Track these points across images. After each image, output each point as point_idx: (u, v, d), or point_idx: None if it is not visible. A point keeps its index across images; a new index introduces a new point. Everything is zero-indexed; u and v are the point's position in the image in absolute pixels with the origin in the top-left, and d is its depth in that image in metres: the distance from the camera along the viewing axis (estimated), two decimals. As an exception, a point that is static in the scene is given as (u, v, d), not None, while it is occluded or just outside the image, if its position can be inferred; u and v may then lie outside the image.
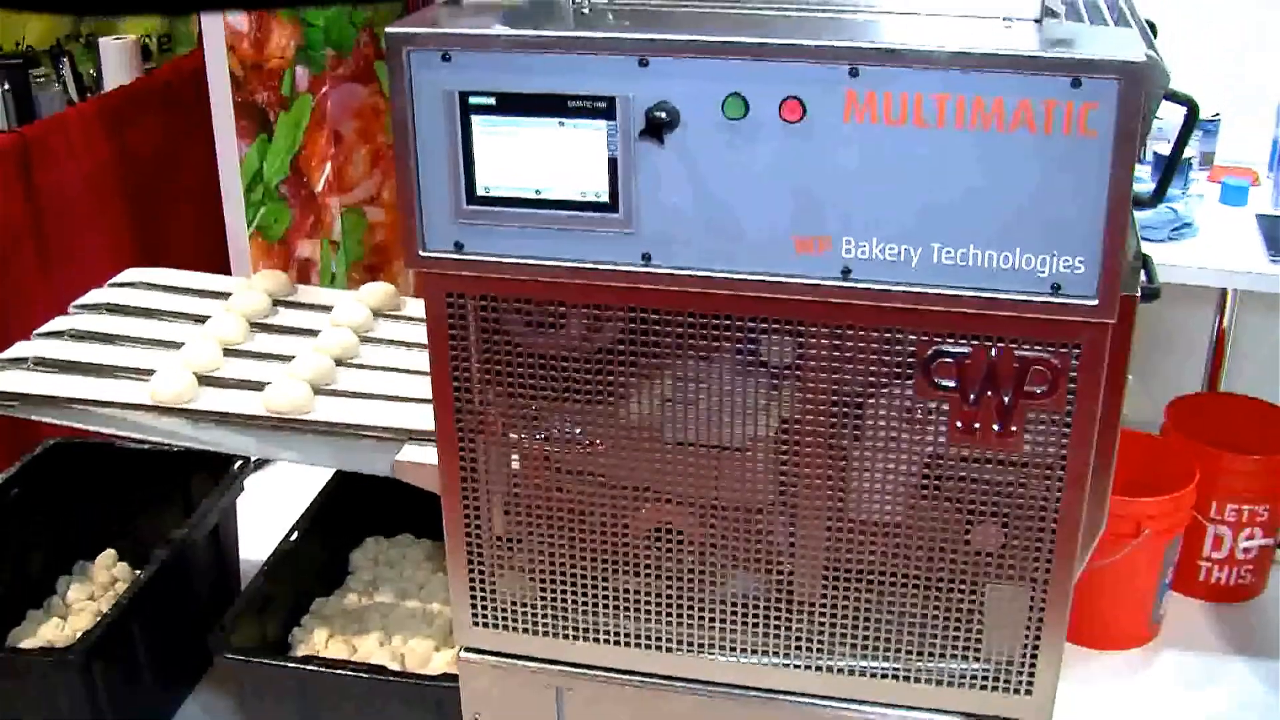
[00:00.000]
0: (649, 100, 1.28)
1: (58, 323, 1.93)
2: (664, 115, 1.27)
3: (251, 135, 2.59)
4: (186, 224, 3.07)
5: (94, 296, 2.02)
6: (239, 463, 2.11)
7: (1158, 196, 1.47)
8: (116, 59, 3.28)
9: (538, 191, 1.35)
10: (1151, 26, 1.54)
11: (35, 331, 1.92)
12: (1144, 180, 2.68)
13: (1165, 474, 2.21)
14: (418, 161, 1.36)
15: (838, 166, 1.27)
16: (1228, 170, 3.58)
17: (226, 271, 2.68)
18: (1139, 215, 1.45)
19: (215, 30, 2.50)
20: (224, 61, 2.49)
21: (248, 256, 2.64)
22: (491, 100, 1.32)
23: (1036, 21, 1.31)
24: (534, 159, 1.33)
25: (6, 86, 3.26)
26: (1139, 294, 1.36)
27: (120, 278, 2.09)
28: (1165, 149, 2.75)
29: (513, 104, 1.32)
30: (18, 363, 1.82)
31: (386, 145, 2.85)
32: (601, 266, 1.36)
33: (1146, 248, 1.43)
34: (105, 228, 2.92)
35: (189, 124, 2.89)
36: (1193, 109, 1.34)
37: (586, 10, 1.37)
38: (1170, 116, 1.40)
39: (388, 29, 1.33)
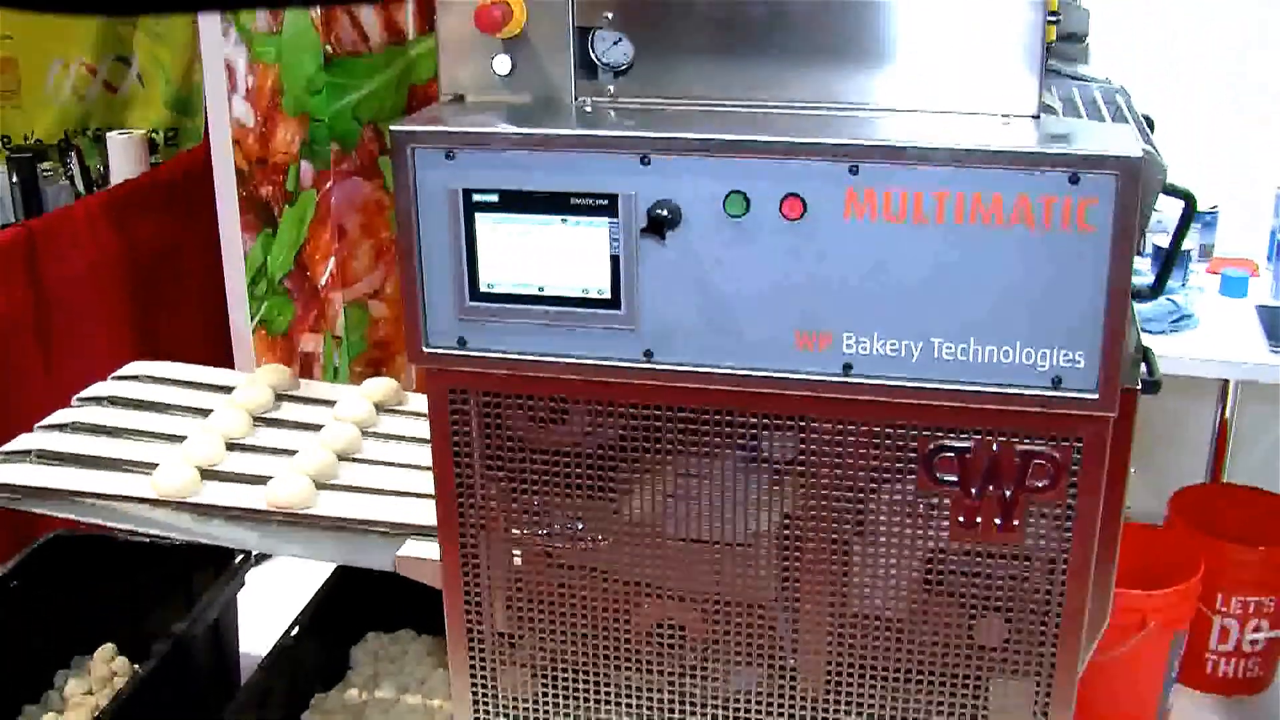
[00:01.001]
0: (651, 198, 1.30)
1: (60, 415, 1.93)
2: (666, 213, 1.28)
3: (256, 230, 2.61)
4: (190, 317, 3.08)
5: (97, 389, 2.02)
6: (240, 557, 2.10)
7: (1157, 289, 1.48)
8: (123, 153, 3.31)
9: (540, 288, 1.36)
10: (1149, 121, 1.56)
11: (38, 424, 1.92)
12: (1143, 273, 2.69)
13: (1170, 566, 2.20)
14: (421, 258, 1.38)
15: (838, 263, 1.28)
16: (1227, 262, 3.60)
17: (229, 365, 2.69)
18: (1139, 308, 1.46)
19: (221, 125, 2.53)
20: (229, 156, 2.51)
21: (251, 350, 2.64)
22: (495, 197, 1.34)
23: (1034, 118, 1.33)
24: (537, 256, 1.34)
25: (15, 179, 3.29)
26: (1140, 387, 1.36)
27: (123, 371, 2.10)
28: (1164, 241, 2.77)
29: (516, 201, 1.33)
30: (20, 455, 1.82)
31: (390, 240, 2.87)
32: (603, 363, 1.37)
33: (1147, 340, 1.44)
34: (109, 321, 2.93)
35: (194, 218, 2.91)
36: (1190, 202, 1.36)
37: (589, 109, 1.39)
38: (1169, 209, 1.42)
39: (392, 126, 1.35)
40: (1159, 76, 3.57)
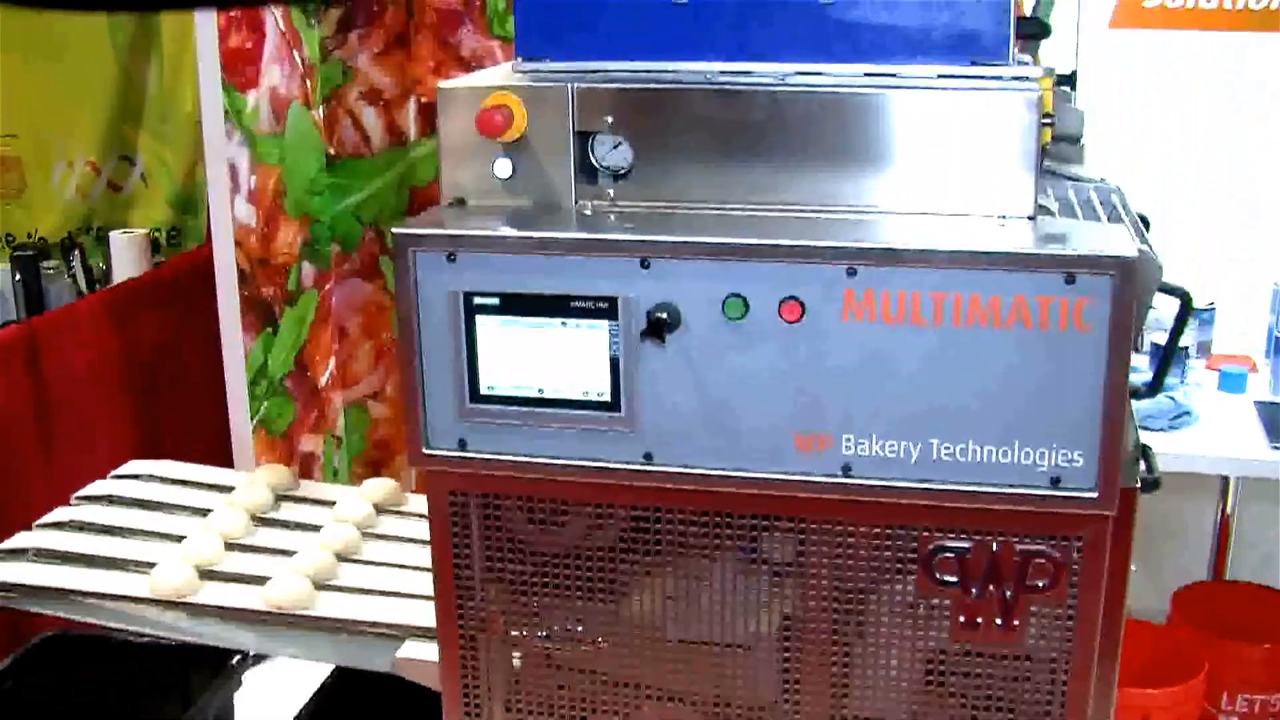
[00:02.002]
0: (650, 301, 1.30)
1: (59, 514, 1.93)
2: (665, 316, 1.29)
3: (257, 329, 2.62)
4: (190, 417, 3.08)
5: (96, 488, 2.02)
6: (238, 657, 2.09)
7: (1155, 387, 1.49)
8: (126, 252, 3.33)
9: (540, 391, 1.36)
10: (1144, 220, 1.57)
11: (36, 522, 1.92)
12: (1141, 370, 2.70)
13: (1173, 665, 2.19)
14: (422, 360, 1.38)
15: (837, 365, 1.29)
16: (1225, 358, 3.61)
17: (229, 465, 2.68)
18: (1138, 405, 1.46)
19: (223, 225, 2.55)
20: (231, 256, 2.53)
21: (250, 450, 2.64)
22: (495, 300, 1.34)
23: (1030, 219, 1.34)
24: (537, 359, 1.35)
25: (18, 277, 3.31)
26: (1139, 485, 1.36)
27: (123, 469, 2.10)
28: (1163, 338, 2.78)
29: (516, 304, 1.34)
30: (18, 554, 1.82)
31: (390, 341, 2.88)
32: (603, 465, 1.37)
33: (1146, 437, 1.44)
34: (109, 419, 2.93)
35: (195, 317, 2.92)
36: (1186, 301, 1.37)
37: (589, 212, 1.40)
38: (1167, 306, 1.43)
39: (395, 229, 1.36)
40: (1158, 174, 3.60)
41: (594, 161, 1.41)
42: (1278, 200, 3.64)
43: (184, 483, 2.05)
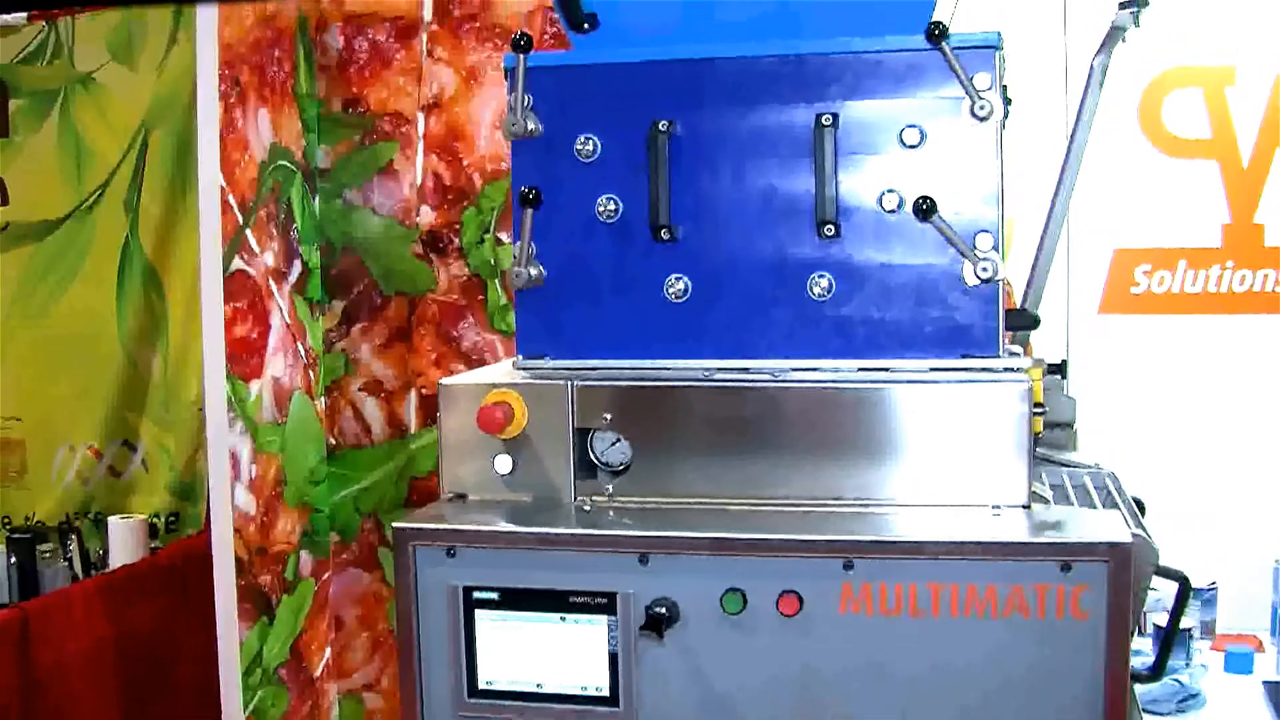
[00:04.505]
0: (649, 596, 1.31)
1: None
2: (664, 611, 1.30)
3: (253, 618, 2.60)
4: (182, 706, 3.04)
5: (84, 785, 1.99)
6: None
7: (1158, 671, 1.48)
8: (123, 537, 3.32)
9: (539, 685, 1.36)
10: (1139, 504, 1.59)
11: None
12: (1145, 653, 2.68)
13: None
14: (420, 654, 1.38)
15: (835, 658, 1.29)
16: (1230, 638, 3.56)
17: (221, 755, 2.63)
18: (1142, 689, 1.46)
19: (223, 513, 2.55)
20: (230, 545, 2.52)
21: (243, 741, 2.60)
22: (495, 595, 1.35)
23: (1025, 507, 1.36)
24: (535, 653, 1.35)
25: (12, 560, 3.29)
26: (1146, 774, 1.35)
27: (113, 764, 2.06)
28: (1165, 620, 2.76)
29: (515, 599, 1.35)
30: None
31: (387, 632, 2.86)
32: (603, 761, 1.36)
33: (1153, 724, 1.43)
34: (99, 707, 2.89)
35: (190, 604, 2.90)
36: (1184, 584, 1.37)
37: (588, 508, 1.42)
38: (1169, 588, 1.43)
39: (395, 525, 1.38)
40: (1152, 457, 3.62)
41: (593, 458, 1.43)
42: (1274, 479, 3.64)
43: (174, 778, 2.02)
